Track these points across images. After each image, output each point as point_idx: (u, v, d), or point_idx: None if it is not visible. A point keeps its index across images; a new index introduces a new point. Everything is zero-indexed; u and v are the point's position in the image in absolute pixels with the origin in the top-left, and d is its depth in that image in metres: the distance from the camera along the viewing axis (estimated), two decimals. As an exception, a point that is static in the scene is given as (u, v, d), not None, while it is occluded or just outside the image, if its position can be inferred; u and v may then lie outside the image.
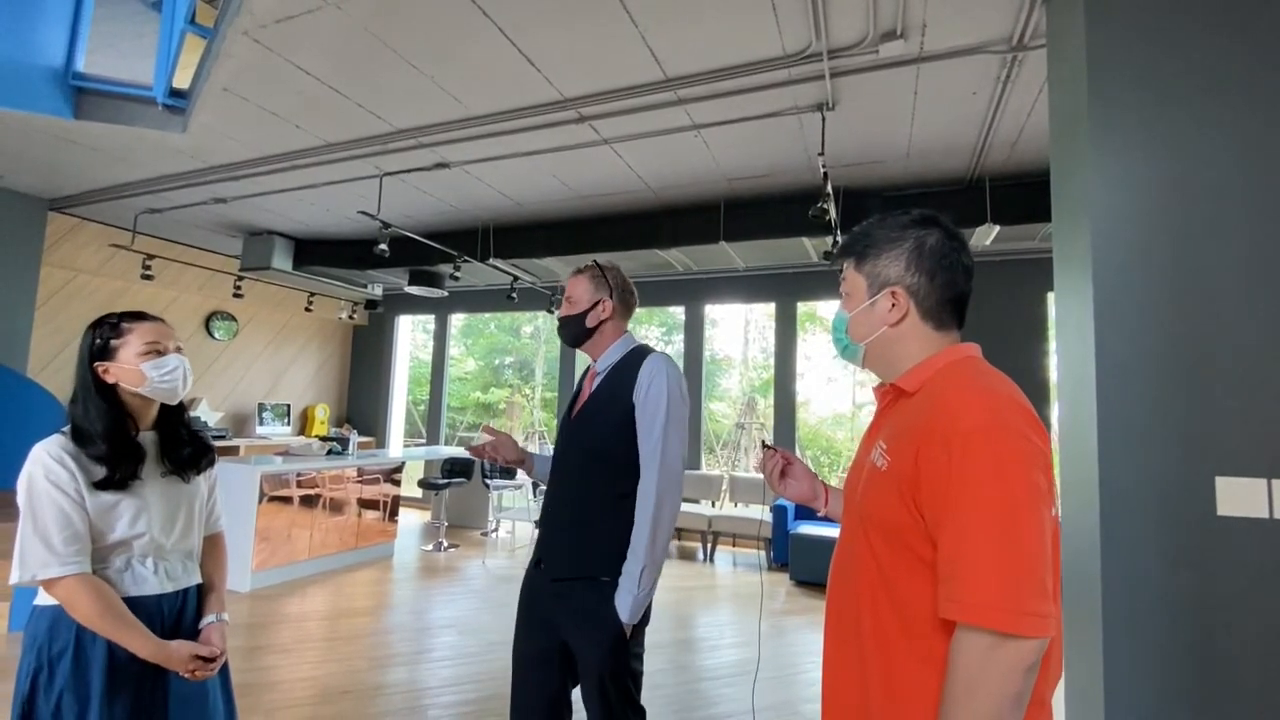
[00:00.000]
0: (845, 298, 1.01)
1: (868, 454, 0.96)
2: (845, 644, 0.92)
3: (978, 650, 0.74)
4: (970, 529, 0.76)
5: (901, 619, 0.84)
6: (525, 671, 1.61)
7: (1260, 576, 1.58)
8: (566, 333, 1.70)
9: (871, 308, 0.96)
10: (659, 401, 1.55)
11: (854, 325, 0.99)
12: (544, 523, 1.63)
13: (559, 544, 1.58)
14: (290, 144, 3.83)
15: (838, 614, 0.95)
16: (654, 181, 4.35)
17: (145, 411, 1.37)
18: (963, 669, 0.75)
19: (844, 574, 0.95)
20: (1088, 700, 1.77)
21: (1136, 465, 1.72)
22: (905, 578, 0.84)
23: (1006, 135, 3.50)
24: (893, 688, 0.84)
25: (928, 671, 0.81)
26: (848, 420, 14.98)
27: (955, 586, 0.76)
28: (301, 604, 4.23)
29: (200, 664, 1.30)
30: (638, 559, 1.47)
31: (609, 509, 1.54)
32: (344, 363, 8.49)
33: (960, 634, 0.76)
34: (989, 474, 0.76)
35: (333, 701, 2.86)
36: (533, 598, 1.61)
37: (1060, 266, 2.14)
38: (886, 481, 0.87)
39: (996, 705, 0.73)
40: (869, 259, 0.98)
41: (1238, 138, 1.70)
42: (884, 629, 0.85)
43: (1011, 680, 0.73)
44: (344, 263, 6.05)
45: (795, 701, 3.07)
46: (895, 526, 0.85)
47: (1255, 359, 1.64)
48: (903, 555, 0.84)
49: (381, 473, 5.52)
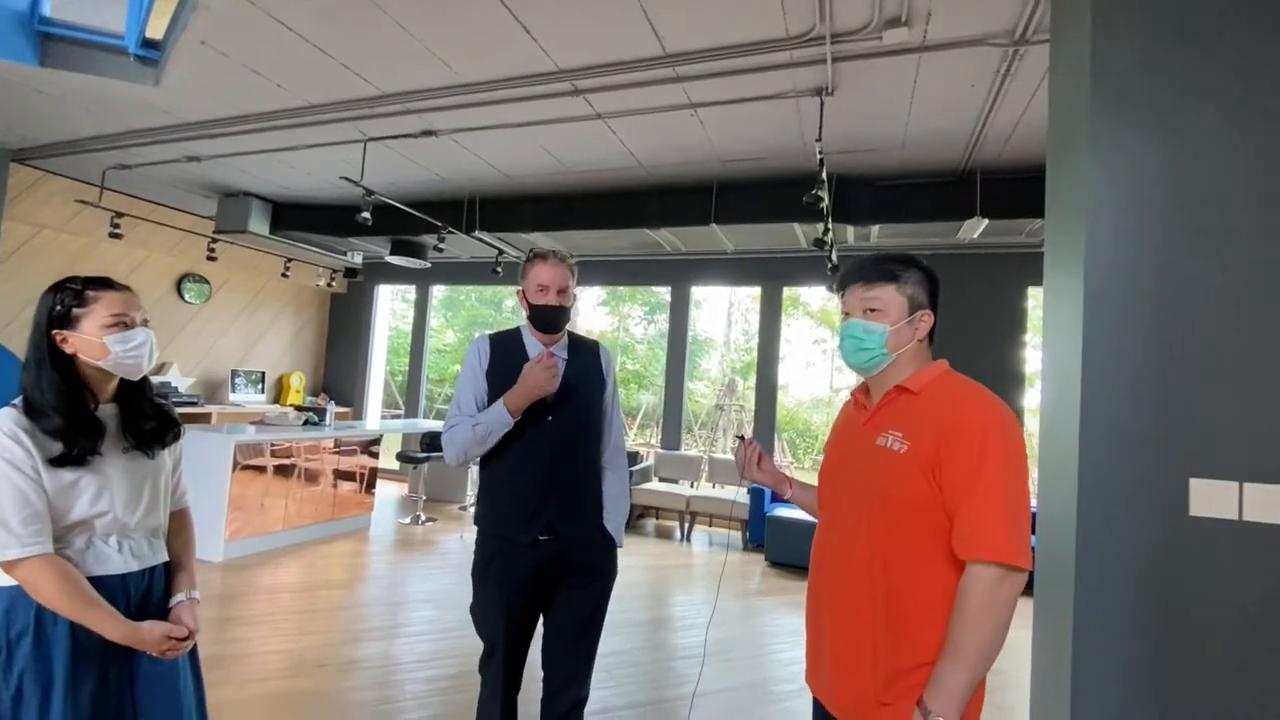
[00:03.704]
0: (877, 313, 1.17)
1: (871, 441, 1.15)
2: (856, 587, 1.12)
3: (990, 580, 1.00)
4: (990, 495, 1.02)
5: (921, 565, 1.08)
6: (522, 639, 1.73)
7: (1229, 576, 1.63)
8: (558, 320, 1.76)
9: (909, 325, 1.17)
10: (614, 380, 1.92)
11: (893, 337, 1.17)
12: (549, 494, 1.70)
13: (568, 509, 1.72)
14: (271, 103, 3.68)
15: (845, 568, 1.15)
16: (647, 159, 4.28)
17: (105, 384, 1.29)
18: (978, 594, 1.00)
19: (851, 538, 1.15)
20: (1055, 687, 1.83)
21: (1115, 463, 1.76)
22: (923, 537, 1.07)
23: (1001, 130, 3.50)
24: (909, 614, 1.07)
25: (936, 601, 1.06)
26: (825, 404, 15.18)
27: (978, 535, 1.01)
28: (275, 575, 4.18)
29: (173, 644, 1.27)
30: (628, 499, 1.88)
31: (596, 471, 1.82)
32: (321, 331, 8.32)
33: (976, 570, 1.01)
34: (1004, 458, 1.03)
35: (307, 674, 2.85)
36: (530, 570, 1.69)
37: (1051, 264, 2.15)
38: (907, 462, 1.08)
39: (1000, 624, 1.00)
40: (909, 284, 1.18)
41: (1237, 144, 1.71)
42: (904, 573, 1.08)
43: (1010, 605, 1.01)
44: (324, 229, 5.88)
45: (769, 681, 3.13)
46: (915, 494, 1.07)
47: (1232, 365, 1.67)
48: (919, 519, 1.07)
49: (359, 444, 5.45)
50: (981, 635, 0.99)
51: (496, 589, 1.69)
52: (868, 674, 1.09)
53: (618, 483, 1.84)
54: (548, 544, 1.69)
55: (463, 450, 1.66)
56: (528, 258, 1.77)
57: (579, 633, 1.74)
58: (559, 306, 1.74)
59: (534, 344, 1.79)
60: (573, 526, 1.72)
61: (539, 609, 1.76)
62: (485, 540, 1.74)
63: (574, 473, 1.74)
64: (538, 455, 1.69)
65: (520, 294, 1.78)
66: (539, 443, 1.70)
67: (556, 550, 1.70)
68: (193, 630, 1.32)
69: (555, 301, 1.73)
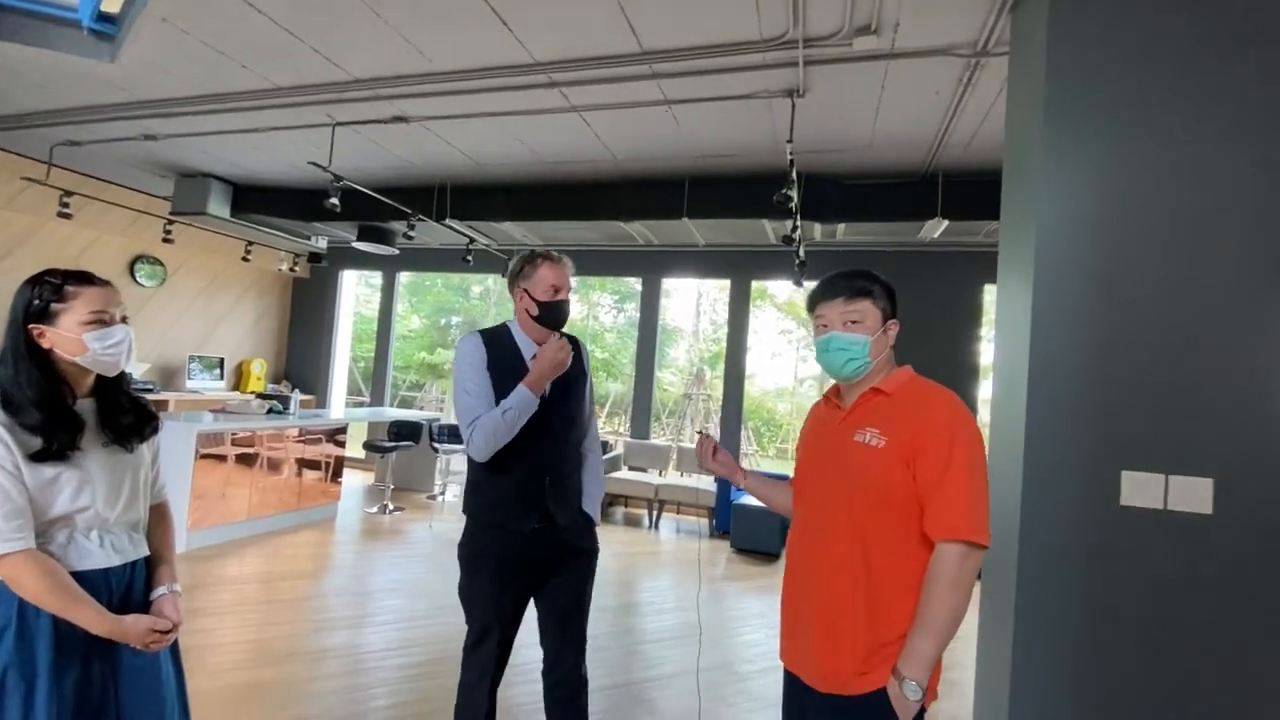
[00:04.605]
0: (858, 325, 1.27)
1: (848, 438, 1.26)
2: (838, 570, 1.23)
3: (957, 557, 1.13)
4: (958, 483, 1.15)
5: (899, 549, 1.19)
6: (514, 624, 1.82)
7: (1154, 560, 1.79)
8: (566, 316, 1.87)
9: (885, 334, 1.29)
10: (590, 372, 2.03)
11: (874, 346, 1.27)
12: (551, 485, 1.79)
13: (561, 496, 1.82)
14: (235, 84, 3.58)
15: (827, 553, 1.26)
16: (621, 153, 4.31)
17: (82, 378, 1.28)
18: (947, 569, 1.13)
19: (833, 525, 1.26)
20: (998, 659, 1.97)
21: (1057, 455, 1.90)
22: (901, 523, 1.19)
23: (962, 135, 3.64)
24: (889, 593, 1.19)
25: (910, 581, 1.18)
26: (789, 394, 15.50)
27: (948, 517, 1.14)
28: (240, 566, 4.13)
29: (157, 636, 1.28)
30: (603, 483, 2.06)
31: (579, 459, 1.93)
32: (283, 316, 8.12)
33: (946, 548, 1.14)
34: (968, 450, 1.17)
35: (277, 664, 2.85)
36: (526, 556, 1.78)
37: (1004, 265, 2.28)
38: (885, 455, 1.20)
39: (965, 595, 1.14)
40: (880, 297, 1.29)
41: (1177, 158, 1.85)
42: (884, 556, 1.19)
43: (973, 578, 1.14)
44: (288, 213, 5.74)
45: (734, 662, 3.26)
46: (892, 483, 1.19)
47: (1164, 367, 1.82)
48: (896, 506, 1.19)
49: (324, 433, 5.38)
50: (949, 606, 1.12)
51: (493, 576, 1.75)
52: (848, 648, 1.20)
53: (594, 468, 1.97)
54: (543, 530, 1.77)
55: (495, 438, 1.68)
56: (529, 258, 1.83)
57: (574, 608, 1.86)
58: (566, 302, 1.84)
59: (525, 341, 1.84)
60: (565, 512, 1.82)
61: (530, 594, 1.84)
62: (479, 530, 1.79)
63: (564, 461, 1.84)
64: (534, 446, 1.75)
65: (522, 292, 1.81)
66: (535, 434, 1.75)
67: (551, 535, 1.79)
68: (176, 623, 1.33)
69: (564, 298, 1.84)
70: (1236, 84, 1.81)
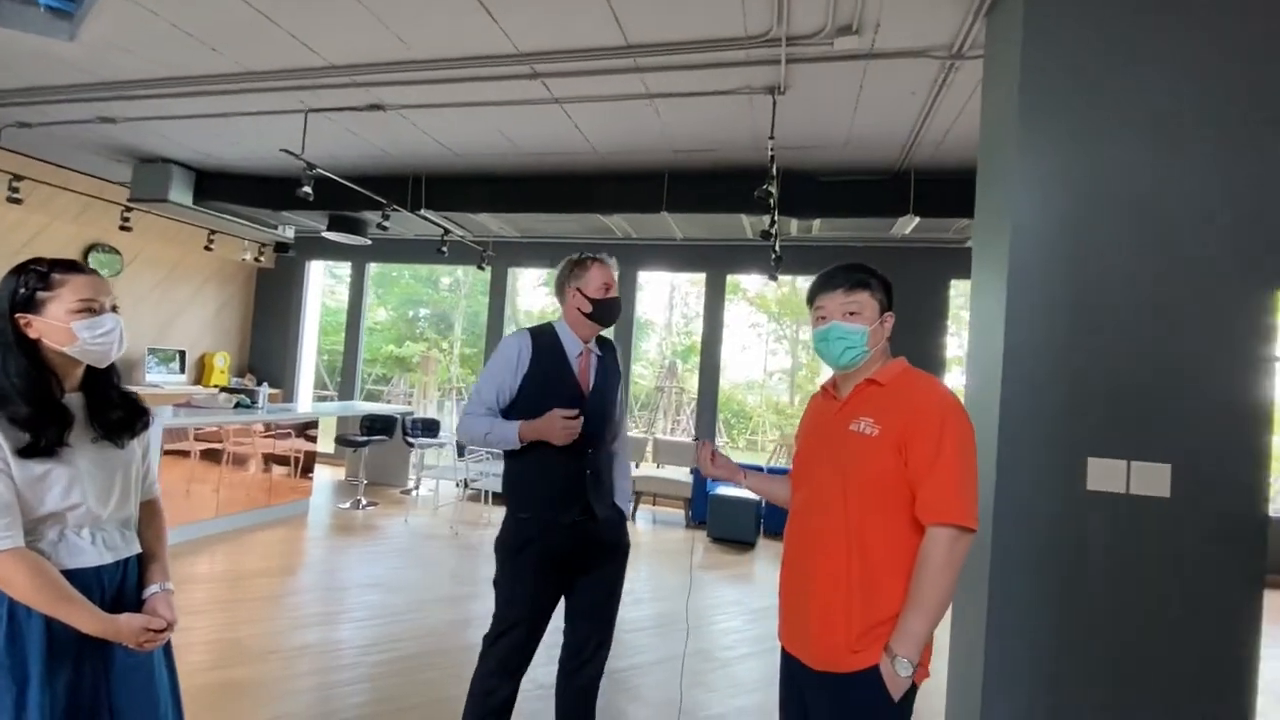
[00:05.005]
0: (856, 316, 1.32)
1: (844, 427, 1.31)
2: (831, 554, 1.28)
3: (947, 540, 1.18)
4: (948, 469, 1.20)
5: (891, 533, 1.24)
6: (546, 619, 1.89)
7: (1117, 541, 1.90)
8: (617, 314, 1.96)
9: (881, 325, 1.34)
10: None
11: (872, 336, 1.32)
12: (591, 480, 1.90)
13: (602, 491, 1.93)
14: (203, 68, 3.46)
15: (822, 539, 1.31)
16: (601, 145, 4.30)
17: (71, 371, 1.26)
18: (938, 552, 1.18)
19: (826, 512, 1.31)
20: (972, 636, 2.07)
21: (1028, 443, 1.99)
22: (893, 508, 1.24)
23: (935, 135, 3.75)
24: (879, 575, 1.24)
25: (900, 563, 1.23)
26: (759, 386, 15.72)
27: (938, 502, 1.19)
28: (210, 564, 4.03)
29: (151, 635, 1.26)
30: (631, 482, 2.19)
31: (611, 455, 2.01)
32: (247, 308, 7.88)
33: (936, 532, 1.19)
34: (958, 438, 1.22)
35: (254, 662, 2.80)
36: (566, 548, 1.86)
37: (978, 261, 2.37)
38: (878, 443, 1.25)
39: (954, 577, 1.19)
40: (878, 290, 1.34)
41: (1143, 159, 1.95)
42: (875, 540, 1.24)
43: (961, 560, 1.20)
44: (255, 201, 5.57)
45: (714, 649, 3.33)
46: (885, 470, 1.24)
47: (1127, 359, 1.93)
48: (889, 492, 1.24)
49: (294, 428, 5.26)
50: (940, 587, 1.17)
51: (535, 568, 1.82)
52: (842, 627, 1.25)
53: (624, 464, 2.08)
54: (583, 523, 1.87)
55: (470, 441, 1.85)
56: (579, 261, 1.92)
57: (607, 600, 1.97)
58: (618, 299, 1.95)
59: (571, 339, 1.92)
60: (602, 506, 1.91)
61: (564, 589, 1.92)
62: (520, 523, 1.86)
63: (601, 457, 1.94)
64: (577, 443, 1.82)
65: (575, 291, 1.90)
66: (586, 432, 1.85)
67: (590, 529, 1.88)
68: (171, 622, 1.31)
69: (615, 296, 1.94)
70: (1200, 88, 1.91)
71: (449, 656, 3.00)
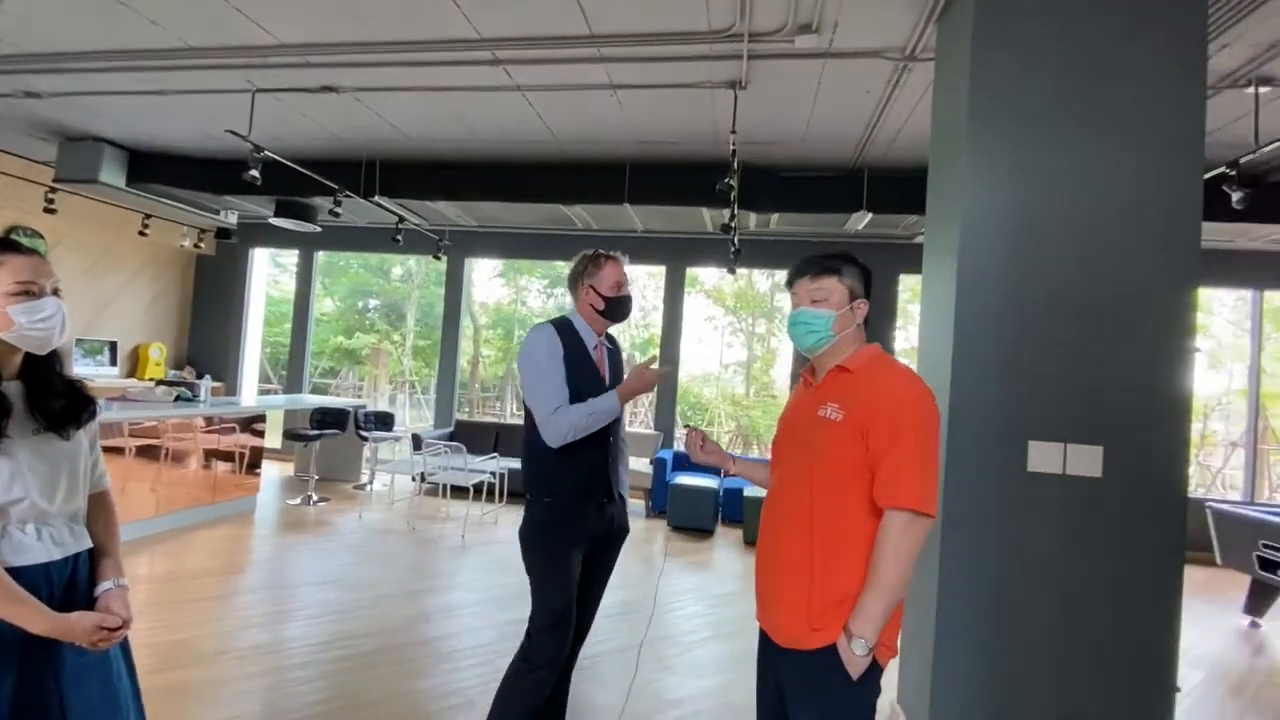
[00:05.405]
0: (822, 302, 1.36)
1: (814, 412, 1.35)
2: (794, 534, 1.32)
3: (902, 524, 1.20)
4: (905, 454, 1.22)
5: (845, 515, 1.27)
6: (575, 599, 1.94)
7: (1054, 519, 2.04)
8: (629, 312, 2.03)
9: (851, 311, 1.37)
10: None
11: (838, 322, 1.36)
12: (612, 465, 1.98)
13: (619, 476, 2.01)
14: (141, 41, 3.27)
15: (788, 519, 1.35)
16: (563, 135, 4.28)
17: (9, 357, 1.19)
18: (893, 535, 1.20)
19: (795, 494, 1.35)
20: (923, 607, 2.18)
21: (974, 427, 2.11)
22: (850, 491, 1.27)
23: (887, 134, 3.88)
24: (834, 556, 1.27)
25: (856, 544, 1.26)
26: (715, 379, 15.92)
27: (895, 487, 1.21)
28: (152, 564, 3.85)
29: (104, 634, 1.21)
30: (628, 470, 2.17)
31: (623, 444, 2.07)
32: (185, 297, 7.49)
33: (891, 515, 1.21)
34: (918, 425, 1.24)
35: (205, 664, 2.70)
36: (596, 529, 1.94)
37: (929, 257, 2.48)
38: (842, 428, 1.28)
39: (909, 559, 1.21)
40: (849, 276, 1.37)
41: (1082, 161, 2.08)
42: (831, 521, 1.28)
43: (917, 544, 1.21)
44: (195, 184, 5.29)
45: (676, 634, 3.39)
46: (846, 454, 1.27)
47: (1065, 348, 2.06)
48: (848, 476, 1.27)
49: (239, 422, 5.05)
50: (894, 569, 1.19)
51: (571, 554, 1.88)
52: (803, 606, 1.29)
53: (625, 454, 2.16)
54: (607, 505, 1.96)
55: (575, 431, 1.82)
56: (593, 258, 1.97)
57: (600, 584, 2.04)
58: (629, 297, 2.01)
59: (587, 331, 1.98)
60: (618, 490, 2.01)
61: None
62: (562, 510, 1.89)
63: (618, 444, 2.02)
64: (604, 432, 1.90)
65: (588, 288, 1.95)
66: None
67: (610, 511, 1.97)
68: (126, 619, 1.26)
69: (628, 293, 2.00)
70: (1136, 96, 2.05)
71: (408, 651, 2.96)
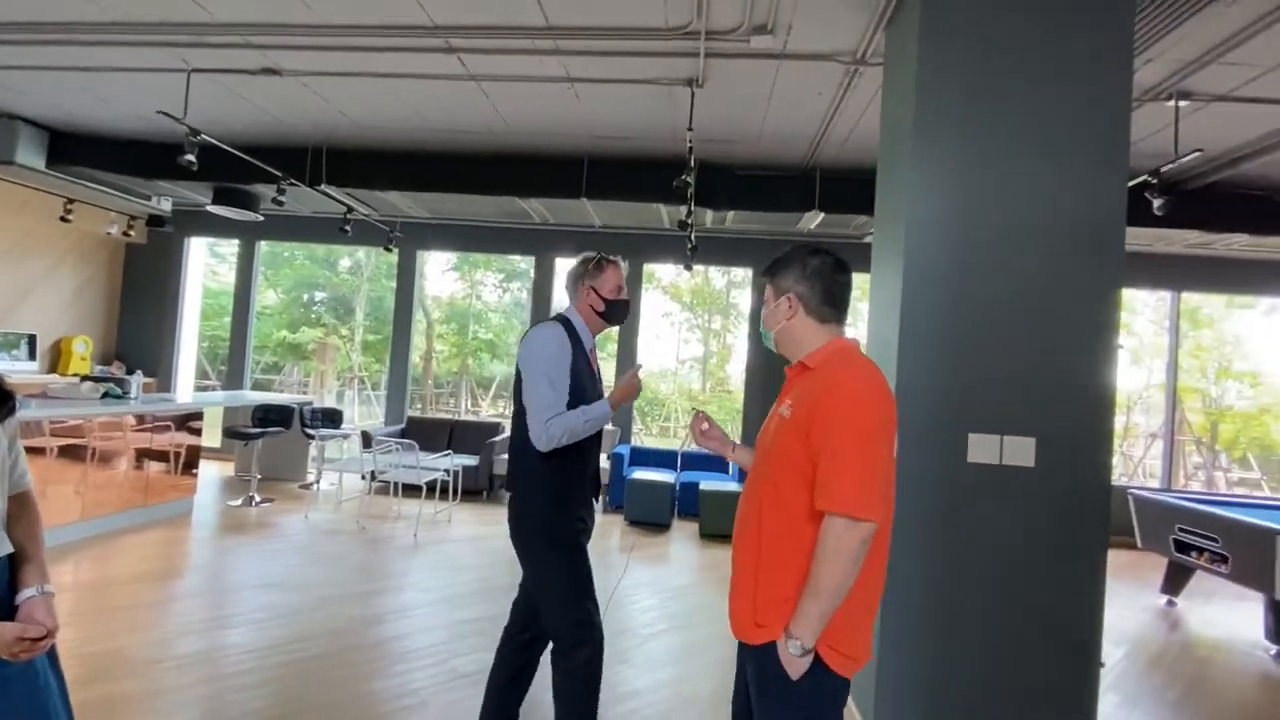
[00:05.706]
0: (767, 303, 1.41)
1: (776, 410, 1.36)
2: (747, 530, 1.34)
3: (839, 528, 1.17)
4: (843, 457, 1.18)
5: (786, 515, 1.27)
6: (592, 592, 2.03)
7: (991, 507, 2.15)
8: (627, 315, 2.05)
9: (775, 308, 1.39)
10: None
11: (766, 320, 1.41)
12: (596, 463, 2.04)
13: (599, 475, 2.09)
14: (64, 13, 3.06)
15: (744, 513, 1.38)
16: (517, 125, 4.22)
17: None
18: (829, 539, 1.17)
19: (753, 489, 1.38)
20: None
21: (918, 420, 2.20)
22: (790, 490, 1.26)
23: (839, 135, 3.98)
24: (774, 555, 1.28)
25: (797, 545, 1.24)
26: (671, 375, 16.05)
27: (829, 490, 1.18)
28: (77, 571, 3.62)
29: (27, 645, 1.14)
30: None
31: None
32: (113, 288, 7.06)
33: (829, 519, 1.18)
34: (859, 425, 1.20)
35: (139, 674, 2.56)
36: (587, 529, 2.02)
37: (877, 256, 2.57)
38: (791, 426, 1.28)
39: (847, 564, 1.17)
40: (778, 275, 1.39)
41: (1016, 170, 2.19)
42: (773, 520, 1.29)
43: (856, 547, 1.17)
44: (124, 168, 4.98)
45: (634, 626, 3.41)
46: (790, 452, 1.26)
47: (1000, 344, 2.17)
48: (790, 474, 1.26)
49: (173, 420, 4.81)
50: (831, 574, 1.16)
51: (582, 553, 1.97)
52: (747, 602, 1.31)
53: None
54: (594, 502, 2.06)
55: (570, 437, 1.84)
56: (595, 261, 2.01)
57: None
58: (629, 301, 2.06)
59: (586, 334, 2.02)
60: (598, 488, 2.11)
61: None
62: (567, 511, 1.95)
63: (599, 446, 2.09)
64: (594, 435, 1.97)
65: (589, 290, 1.99)
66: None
67: (590, 508, 2.05)
68: (51, 629, 1.19)
69: (627, 297, 2.05)
70: (1068, 110, 2.17)
71: (359, 654, 2.88)
